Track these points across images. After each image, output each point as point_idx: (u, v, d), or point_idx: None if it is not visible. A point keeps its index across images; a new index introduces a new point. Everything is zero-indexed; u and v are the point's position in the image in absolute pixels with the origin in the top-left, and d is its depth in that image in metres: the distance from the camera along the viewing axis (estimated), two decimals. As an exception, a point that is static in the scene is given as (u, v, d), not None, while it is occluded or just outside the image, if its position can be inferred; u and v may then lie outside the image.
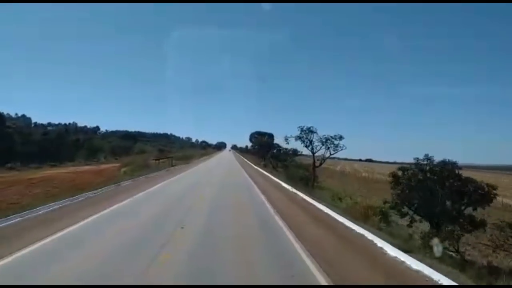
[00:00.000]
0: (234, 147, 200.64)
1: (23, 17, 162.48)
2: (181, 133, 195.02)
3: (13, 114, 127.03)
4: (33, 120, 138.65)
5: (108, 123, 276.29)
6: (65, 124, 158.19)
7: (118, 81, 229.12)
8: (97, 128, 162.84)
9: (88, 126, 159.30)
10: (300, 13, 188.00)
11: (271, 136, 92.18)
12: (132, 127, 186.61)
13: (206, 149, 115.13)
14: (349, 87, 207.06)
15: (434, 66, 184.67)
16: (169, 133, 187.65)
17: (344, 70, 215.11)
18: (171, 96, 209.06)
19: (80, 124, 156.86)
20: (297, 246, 7.62)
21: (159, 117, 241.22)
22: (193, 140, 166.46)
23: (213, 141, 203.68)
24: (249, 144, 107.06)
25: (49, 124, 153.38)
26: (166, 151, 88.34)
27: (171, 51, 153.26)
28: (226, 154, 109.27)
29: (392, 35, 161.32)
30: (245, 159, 62.50)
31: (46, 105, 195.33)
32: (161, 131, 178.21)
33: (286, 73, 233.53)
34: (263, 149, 51.39)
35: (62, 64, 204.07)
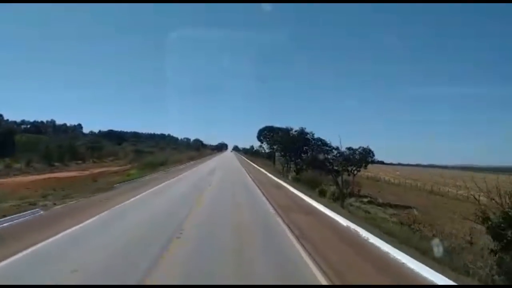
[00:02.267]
0: (235, 148, 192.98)
1: (19, 17, 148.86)
2: (181, 134, 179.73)
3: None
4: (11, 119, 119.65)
5: (106, 123, 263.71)
6: (41, 122, 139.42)
7: (117, 81, 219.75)
8: (79, 126, 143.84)
9: (68, 124, 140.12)
10: (300, 13, 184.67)
11: (285, 130, 71.70)
12: (130, 128, 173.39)
13: (201, 150, 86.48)
14: (349, 87, 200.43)
15: (434, 67, 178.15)
16: (167, 134, 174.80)
17: (344, 70, 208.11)
18: (171, 97, 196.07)
19: (60, 122, 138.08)
20: None
21: (159, 118, 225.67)
22: (192, 141, 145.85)
23: (214, 142, 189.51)
24: (257, 144, 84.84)
25: (23, 122, 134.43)
26: (148, 153, 67.72)
27: (170, 52, 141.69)
28: (228, 158, 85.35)
29: (392, 35, 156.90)
30: (261, 168, 38.90)
31: (40, 105, 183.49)
32: (161, 132, 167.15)
33: (286, 73, 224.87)
34: (289, 150, 30.30)
35: (60, 64, 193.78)
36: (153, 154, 66.36)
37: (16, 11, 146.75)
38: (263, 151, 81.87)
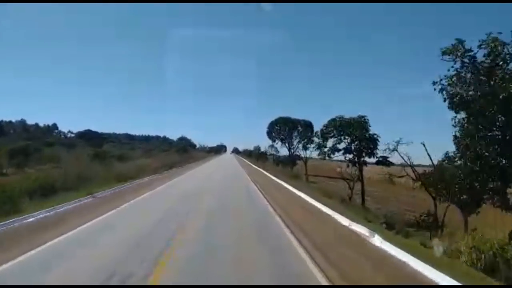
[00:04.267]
0: (235, 151, 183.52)
1: (15, 16, 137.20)
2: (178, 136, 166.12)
3: None
4: None
5: (102, 125, 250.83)
6: (9, 121, 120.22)
7: (111, 82, 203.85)
8: (54, 126, 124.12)
9: (41, 125, 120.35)
10: (300, 13, 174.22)
11: (308, 124, 52.40)
12: (127, 130, 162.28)
13: (190, 152, 60.72)
14: (349, 87, 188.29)
15: (433, 67, 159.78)
16: (163, 135, 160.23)
17: (344, 70, 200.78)
18: (169, 98, 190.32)
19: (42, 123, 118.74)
20: None
21: (156, 119, 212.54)
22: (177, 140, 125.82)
23: (212, 143, 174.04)
24: (264, 143, 63.85)
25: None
26: (116, 157, 48.49)
27: (169, 52, 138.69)
28: (227, 163, 60.59)
29: (393, 35, 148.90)
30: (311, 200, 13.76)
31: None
32: (157, 134, 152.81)
33: (287, 73, 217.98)
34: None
35: (57, 64, 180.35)
36: (123, 159, 47.48)
37: (10, 10, 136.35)
38: (275, 153, 61.48)
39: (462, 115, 9.70)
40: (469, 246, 6.75)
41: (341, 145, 19.79)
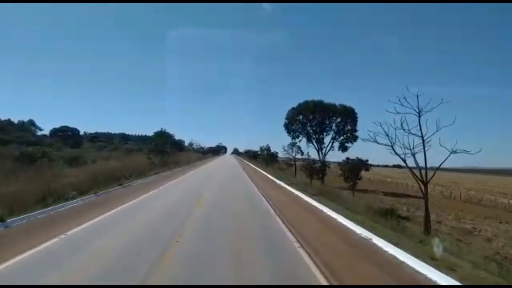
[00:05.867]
0: (235, 152, 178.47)
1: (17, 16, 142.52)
2: (179, 136, 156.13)
3: None
4: None
5: (103, 124, 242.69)
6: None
7: (109, 81, 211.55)
8: (31, 122, 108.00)
9: (14, 121, 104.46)
10: (301, 12, 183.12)
11: (350, 111, 39.03)
12: (125, 130, 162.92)
13: (168, 155, 39.14)
14: (350, 87, 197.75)
15: (432, 67, 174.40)
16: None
17: (344, 70, 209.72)
18: (170, 97, 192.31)
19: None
20: None
21: (157, 119, 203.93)
22: (186, 143, 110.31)
23: (213, 143, 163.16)
24: (285, 143, 44.93)
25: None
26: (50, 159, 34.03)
27: (169, 52, 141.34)
28: (227, 193, 23.09)
29: (393, 35, 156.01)
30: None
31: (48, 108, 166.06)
32: (152, 133, 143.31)
33: (286, 73, 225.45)
34: None
35: (57, 61, 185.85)
36: (77, 162, 33.28)
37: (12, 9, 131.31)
38: (297, 156, 42.91)
39: None
40: None
41: None
